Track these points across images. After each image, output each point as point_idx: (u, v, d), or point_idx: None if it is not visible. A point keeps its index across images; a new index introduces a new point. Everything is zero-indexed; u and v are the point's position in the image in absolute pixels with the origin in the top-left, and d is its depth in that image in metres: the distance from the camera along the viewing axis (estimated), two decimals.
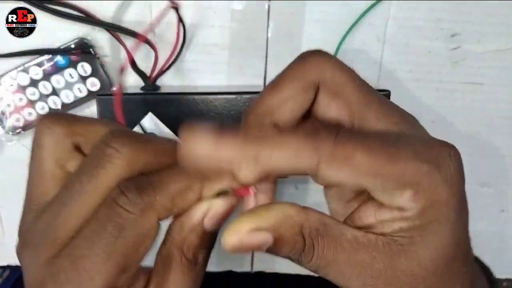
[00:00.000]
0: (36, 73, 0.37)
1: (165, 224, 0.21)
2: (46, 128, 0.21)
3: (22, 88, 0.38)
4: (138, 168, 0.20)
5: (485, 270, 0.24)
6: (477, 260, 0.23)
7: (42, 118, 0.21)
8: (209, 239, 0.22)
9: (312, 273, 0.20)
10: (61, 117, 0.21)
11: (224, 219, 0.21)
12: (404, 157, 0.18)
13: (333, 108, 0.21)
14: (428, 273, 0.18)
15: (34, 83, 0.38)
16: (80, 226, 0.19)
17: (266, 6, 0.37)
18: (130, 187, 0.19)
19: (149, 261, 0.21)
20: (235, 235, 0.18)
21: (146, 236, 0.19)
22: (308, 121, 0.23)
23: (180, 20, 0.36)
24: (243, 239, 0.18)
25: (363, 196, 0.23)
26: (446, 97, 0.40)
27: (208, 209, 0.21)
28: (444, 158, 0.18)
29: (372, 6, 0.37)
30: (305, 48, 0.38)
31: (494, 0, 0.37)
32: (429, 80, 0.39)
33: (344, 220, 0.20)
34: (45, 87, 0.38)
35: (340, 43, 0.37)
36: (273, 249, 0.19)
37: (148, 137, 0.21)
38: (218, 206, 0.21)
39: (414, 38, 0.38)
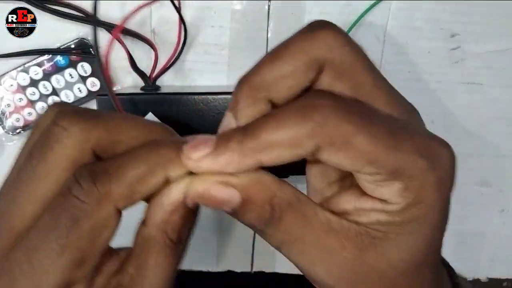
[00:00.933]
0: (36, 73, 0.38)
1: (142, 205, 0.20)
2: (62, 130, 0.18)
3: (22, 88, 0.38)
4: (91, 147, 0.18)
5: (449, 271, 0.23)
6: (442, 260, 0.23)
7: (58, 117, 0.19)
8: (192, 215, 0.20)
9: None
10: (80, 117, 0.19)
11: None
12: (404, 149, 0.17)
13: (337, 89, 0.19)
14: (397, 274, 0.18)
15: (34, 83, 0.38)
16: (36, 215, 0.18)
17: (266, 6, 0.37)
18: (84, 175, 0.18)
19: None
20: (204, 182, 0.18)
21: (103, 227, 0.18)
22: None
23: (182, 20, 0.36)
24: (210, 189, 0.18)
25: (347, 180, 0.22)
26: (446, 97, 0.40)
27: (187, 188, 0.19)
28: (441, 159, 0.18)
29: (372, 6, 0.37)
30: None
31: (494, 0, 0.37)
32: (429, 80, 0.39)
33: (320, 203, 0.20)
34: (45, 87, 0.38)
35: None
36: (238, 211, 0.18)
37: (101, 113, 0.19)
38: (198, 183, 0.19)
39: (414, 38, 0.38)
